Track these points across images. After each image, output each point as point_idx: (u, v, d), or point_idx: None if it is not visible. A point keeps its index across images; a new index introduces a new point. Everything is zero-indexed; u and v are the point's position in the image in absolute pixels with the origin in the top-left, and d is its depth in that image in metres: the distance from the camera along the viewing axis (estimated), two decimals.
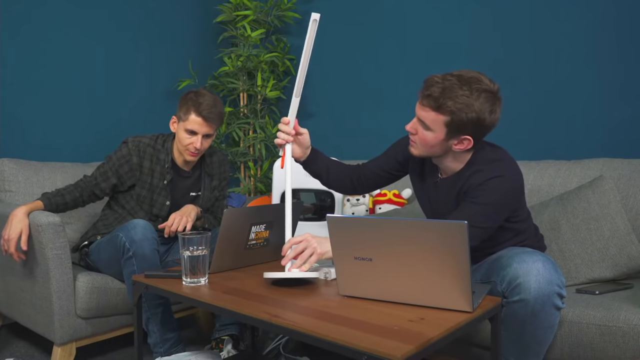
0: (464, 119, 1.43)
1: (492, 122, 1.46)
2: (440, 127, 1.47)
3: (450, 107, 1.43)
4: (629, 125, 2.12)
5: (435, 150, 1.53)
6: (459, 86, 1.43)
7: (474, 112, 1.42)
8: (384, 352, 0.97)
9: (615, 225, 1.76)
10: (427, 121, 1.48)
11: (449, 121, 1.45)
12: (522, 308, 1.35)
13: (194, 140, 1.94)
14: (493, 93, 1.45)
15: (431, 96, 1.45)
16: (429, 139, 1.50)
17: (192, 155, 1.97)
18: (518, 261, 1.38)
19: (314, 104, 3.13)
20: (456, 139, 1.48)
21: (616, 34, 2.13)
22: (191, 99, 1.94)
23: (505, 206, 1.50)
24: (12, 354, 2.07)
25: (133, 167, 1.97)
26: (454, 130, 1.46)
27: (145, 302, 1.79)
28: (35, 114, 2.49)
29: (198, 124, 1.92)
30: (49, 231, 1.79)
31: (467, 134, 1.46)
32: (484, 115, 1.43)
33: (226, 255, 1.57)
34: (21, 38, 2.44)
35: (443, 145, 1.50)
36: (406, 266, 1.21)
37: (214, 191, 2.14)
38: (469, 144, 1.49)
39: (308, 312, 1.21)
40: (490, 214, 1.47)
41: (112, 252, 1.80)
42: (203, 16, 3.18)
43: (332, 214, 2.17)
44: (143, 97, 2.87)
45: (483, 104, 1.43)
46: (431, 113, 1.47)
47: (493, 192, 1.47)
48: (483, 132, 1.48)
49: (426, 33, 2.65)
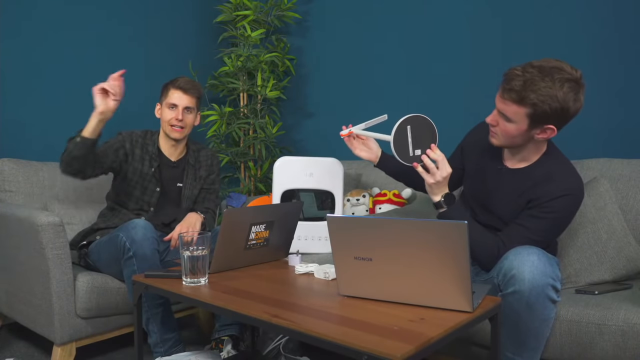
0: (547, 110, 1.43)
1: (576, 110, 1.47)
2: (522, 118, 1.48)
3: (533, 100, 1.43)
4: (628, 126, 2.12)
5: (516, 141, 1.55)
6: (540, 78, 1.42)
7: (557, 103, 1.43)
8: (384, 352, 0.97)
9: (612, 228, 1.76)
10: (508, 114, 1.49)
11: (532, 113, 1.45)
12: (517, 300, 1.36)
13: (176, 113, 2.08)
14: (576, 81, 1.44)
15: (513, 90, 1.45)
16: (510, 130, 1.51)
17: (177, 131, 2.09)
18: (514, 254, 1.39)
19: (314, 104, 3.13)
20: (539, 128, 1.49)
21: (616, 34, 2.13)
22: (169, 81, 2.14)
23: (568, 222, 1.56)
24: (12, 354, 2.07)
25: (127, 151, 2.09)
26: (536, 121, 1.47)
27: (146, 302, 1.79)
28: (35, 114, 2.49)
29: (177, 96, 2.08)
30: (49, 231, 1.79)
31: (551, 123, 1.47)
32: (567, 104, 1.44)
33: (226, 255, 1.57)
34: (21, 38, 2.44)
35: (525, 136, 1.52)
36: (406, 266, 1.21)
37: (199, 181, 2.20)
38: (552, 132, 1.50)
39: (308, 312, 1.21)
40: (554, 230, 1.55)
41: (113, 252, 1.81)
42: (203, 16, 3.18)
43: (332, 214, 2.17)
44: (143, 97, 2.87)
45: (567, 94, 1.42)
46: (513, 106, 1.47)
47: (562, 210, 1.51)
48: (567, 120, 1.49)
49: (427, 33, 2.65)
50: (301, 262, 1.68)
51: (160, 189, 2.12)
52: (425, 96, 2.65)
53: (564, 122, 1.49)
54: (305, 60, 3.16)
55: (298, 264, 1.63)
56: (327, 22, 3.07)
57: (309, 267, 1.58)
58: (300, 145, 3.19)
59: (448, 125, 2.57)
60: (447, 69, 2.59)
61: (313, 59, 3.14)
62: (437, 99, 2.61)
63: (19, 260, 1.92)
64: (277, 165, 2.09)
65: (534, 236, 1.51)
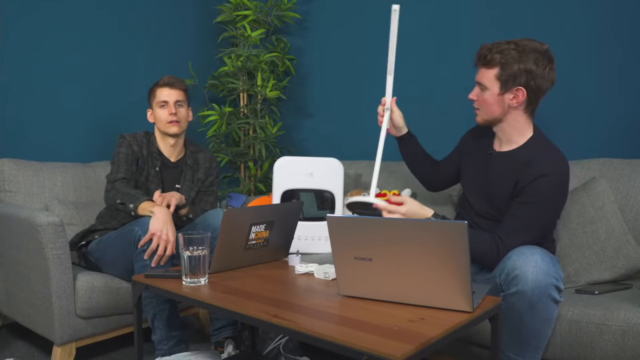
0: (514, 70, 1.55)
1: (545, 77, 1.56)
2: (493, 82, 1.60)
3: (499, 59, 1.56)
4: (628, 126, 2.12)
5: (495, 111, 1.64)
6: (506, 43, 1.58)
7: (522, 63, 1.54)
8: (384, 352, 0.97)
9: (611, 227, 1.76)
10: (482, 80, 1.63)
11: (500, 73, 1.58)
12: (520, 300, 1.36)
13: (169, 108, 2.09)
14: (541, 52, 1.55)
15: (481, 56, 1.62)
16: (487, 99, 1.63)
17: (174, 125, 2.10)
18: (517, 254, 1.40)
19: (314, 104, 3.13)
20: (510, 92, 1.58)
21: (617, 34, 2.13)
22: (153, 84, 2.16)
23: (556, 206, 1.61)
24: (12, 354, 2.07)
25: (137, 155, 2.08)
26: (505, 81, 1.57)
27: (154, 298, 1.78)
28: (35, 114, 2.49)
29: (165, 93, 2.11)
30: (49, 231, 1.79)
31: (520, 84, 1.56)
32: (532, 67, 1.54)
33: (226, 255, 1.57)
34: (21, 38, 2.44)
35: (500, 103, 1.61)
36: (406, 266, 1.21)
37: (196, 183, 2.20)
38: (523, 95, 1.57)
39: (308, 312, 1.21)
40: (543, 216, 1.58)
41: (122, 248, 1.81)
42: (203, 16, 3.18)
43: (332, 214, 2.17)
44: (143, 97, 2.85)
45: (531, 58, 1.54)
46: (483, 71, 1.63)
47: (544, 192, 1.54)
48: (537, 86, 1.56)
49: (427, 32, 2.65)
50: (301, 262, 1.68)
51: (162, 190, 2.11)
52: (426, 96, 2.65)
53: (534, 87, 1.56)
54: (305, 60, 3.16)
55: (298, 264, 1.63)
56: (327, 22, 3.07)
57: (309, 267, 1.58)
58: (300, 145, 3.19)
59: (448, 125, 2.58)
60: (448, 69, 2.59)
61: (313, 59, 3.14)
62: (437, 99, 2.61)
63: (19, 260, 1.92)
64: (277, 165, 2.09)
65: (525, 224, 1.55)
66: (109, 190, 1.97)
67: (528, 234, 1.55)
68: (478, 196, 1.74)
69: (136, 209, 1.87)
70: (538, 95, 1.59)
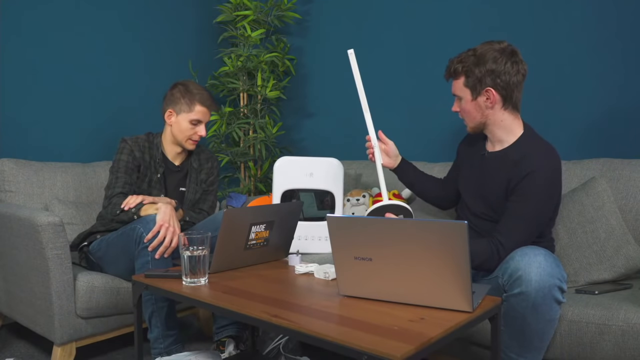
0: (477, 74, 1.60)
1: (508, 72, 1.60)
2: (464, 90, 1.66)
3: (461, 69, 1.63)
4: (628, 125, 2.12)
5: (475, 116, 1.68)
6: (466, 52, 1.66)
7: (481, 66, 1.60)
8: (384, 352, 0.97)
9: (611, 227, 1.76)
10: (455, 92, 1.70)
11: (466, 80, 1.64)
12: (523, 301, 1.36)
13: (199, 129, 2.08)
14: (498, 50, 1.60)
15: (448, 70, 1.70)
16: (466, 108, 1.69)
17: (194, 144, 2.11)
18: (520, 254, 1.39)
19: (314, 104, 3.13)
20: (482, 95, 1.63)
21: (617, 33, 2.13)
22: (191, 91, 2.08)
23: (548, 203, 1.61)
24: (12, 354, 2.07)
25: (137, 160, 2.06)
26: (473, 86, 1.63)
27: (153, 296, 1.78)
28: (35, 114, 2.49)
29: (203, 113, 2.08)
30: (49, 231, 1.79)
31: (488, 85, 1.61)
32: (492, 66, 1.59)
33: (226, 255, 1.57)
34: (21, 38, 2.44)
35: (477, 107, 1.66)
36: (406, 266, 1.21)
37: (201, 185, 2.20)
38: (494, 96, 1.61)
39: (308, 312, 1.21)
40: (536, 213, 1.58)
41: (124, 246, 1.81)
42: (203, 16, 3.18)
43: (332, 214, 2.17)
44: (143, 97, 2.87)
45: (489, 59, 1.59)
46: (454, 82, 1.70)
47: (533, 188, 1.55)
48: (504, 82, 1.60)
49: (427, 32, 2.65)
50: (301, 262, 1.68)
51: (165, 195, 2.10)
52: (426, 96, 2.65)
53: (503, 85, 1.60)
54: (305, 60, 3.16)
55: (298, 264, 1.63)
56: (327, 22, 3.07)
57: (309, 267, 1.58)
58: (300, 145, 3.19)
59: (448, 125, 2.58)
60: None
61: (313, 59, 3.14)
62: (438, 99, 2.61)
63: (19, 260, 1.92)
64: (277, 166, 2.09)
65: (521, 222, 1.56)
66: (106, 207, 1.98)
67: (525, 232, 1.56)
68: (474, 197, 1.75)
69: (138, 211, 1.89)
70: (510, 91, 1.61)
